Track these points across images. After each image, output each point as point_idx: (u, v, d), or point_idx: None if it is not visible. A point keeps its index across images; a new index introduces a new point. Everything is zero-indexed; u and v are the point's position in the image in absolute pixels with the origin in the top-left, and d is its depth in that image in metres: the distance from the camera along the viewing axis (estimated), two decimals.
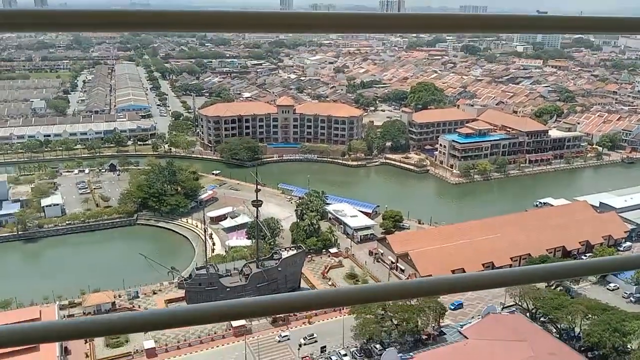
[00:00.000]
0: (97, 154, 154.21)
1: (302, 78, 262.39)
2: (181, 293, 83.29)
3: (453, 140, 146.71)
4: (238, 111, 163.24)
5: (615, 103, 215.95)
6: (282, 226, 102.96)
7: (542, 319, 76.47)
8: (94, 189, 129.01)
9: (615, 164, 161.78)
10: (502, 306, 78.72)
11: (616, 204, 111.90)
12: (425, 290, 2.86)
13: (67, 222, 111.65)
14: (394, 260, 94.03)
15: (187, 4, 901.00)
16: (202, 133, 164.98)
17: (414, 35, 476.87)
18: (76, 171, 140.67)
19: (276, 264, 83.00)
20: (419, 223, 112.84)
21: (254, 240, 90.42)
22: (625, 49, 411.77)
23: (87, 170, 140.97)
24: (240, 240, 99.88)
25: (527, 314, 76.59)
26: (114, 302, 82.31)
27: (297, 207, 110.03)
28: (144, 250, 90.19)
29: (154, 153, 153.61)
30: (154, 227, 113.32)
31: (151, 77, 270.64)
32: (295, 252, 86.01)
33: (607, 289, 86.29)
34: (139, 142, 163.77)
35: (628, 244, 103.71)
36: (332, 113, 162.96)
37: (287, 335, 74.08)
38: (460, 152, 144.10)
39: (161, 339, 74.44)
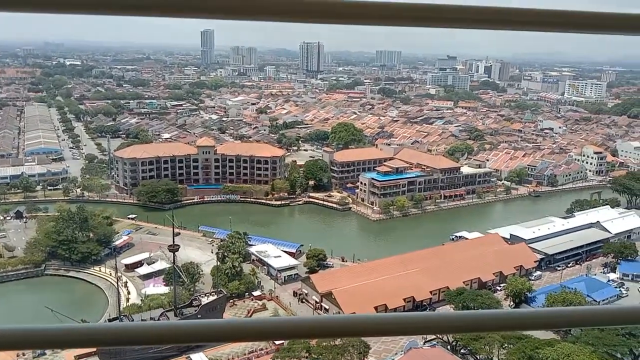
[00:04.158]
0: (2, 201, 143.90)
1: (224, 119, 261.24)
2: (92, 348, 77.81)
3: (372, 178, 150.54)
4: (156, 152, 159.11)
5: (521, 140, 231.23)
6: (202, 270, 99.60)
7: (462, 350, 78.25)
8: None
9: (523, 198, 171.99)
10: (423, 340, 79.77)
11: (525, 236, 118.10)
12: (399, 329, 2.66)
13: None
14: (318, 300, 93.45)
15: (101, 40, 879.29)
16: (118, 176, 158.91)
17: (334, 78, 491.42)
18: None
19: (195, 311, 79.95)
20: (343, 260, 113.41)
21: (172, 287, 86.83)
22: (527, 91, 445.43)
23: None
24: (157, 288, 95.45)
25: (448, 347, 78.10)
26: None
27: (218, 249, 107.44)
28: (52, 302, 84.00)
29: (65, 198, 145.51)
30: (64, 277, 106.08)
31: (64, 119, 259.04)
32: (215, 297, 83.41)
33: None
34: (48, 187, 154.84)
35: (538, 273, 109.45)
36: (254, 153, 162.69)
37: None
38: (380, 190, 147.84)
39: None
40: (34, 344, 2.45)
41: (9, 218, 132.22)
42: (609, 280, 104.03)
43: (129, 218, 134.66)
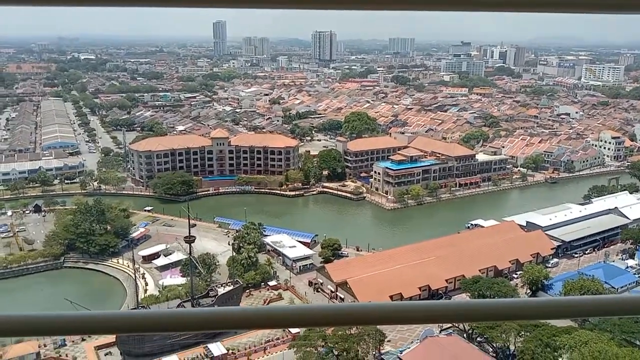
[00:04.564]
0: (21, 195, 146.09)
1: (237, 110, 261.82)
2: (112, 338, 79.16)
3: (387, 167, 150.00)
4: (171, 145, 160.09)
5: (537, 127, 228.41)
6: (218, 261, 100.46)
7: (478, 339, 78.02)
8: (17, 232, 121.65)
9: (540, 184, 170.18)
10: (439, 328, 79.70)
11: (542, 223, 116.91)
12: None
13: None
14: (333, 289, 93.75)
15: (114, 34, 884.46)
16: (134, 169, 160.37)
17: (347, 67, 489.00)
18: None
19: (212, 301, 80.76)
20: (357, 250, 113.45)
21: (188, 278, 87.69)
22: (543, 76, 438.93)
23: (9, 212, 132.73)
24: (174, 279, 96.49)
25: (464, 335, 77.91)
26: (39, 352, 77.23)
27: (234, 240, 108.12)
28: (72, 294, 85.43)
29: (82, 191, 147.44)
30: (83, 269, 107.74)
31: (80, 113, 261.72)
32: (232, 287, 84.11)
33: None
34: (66, 181, 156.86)
35: (555, 260, 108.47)
36: (268, 144, 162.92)
37: None
38: (394, 179, 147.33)
39: None
40: (57, 330, 2.56)
41: (28, 212, 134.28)
42: (627, 267, 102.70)
43: (145, 210, 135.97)
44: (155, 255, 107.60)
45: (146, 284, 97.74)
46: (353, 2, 2.22)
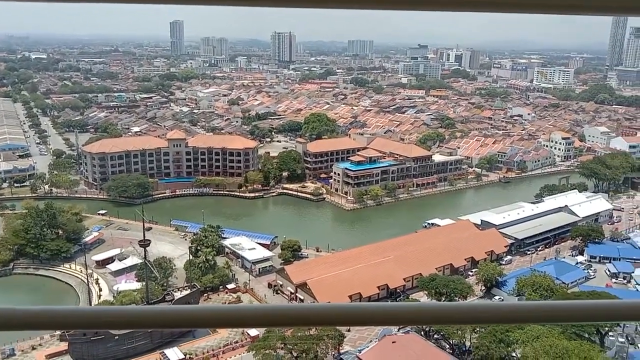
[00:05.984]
0: None
1: (195, 111, 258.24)
2: (64, 346, 76.73)
3: (346, 168, 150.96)
4: (125, 146, 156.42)
5: (491, 128, 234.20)
6: (175, 265, 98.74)
7: (435, 336, 79.36)
8: None
9: (494, 184, 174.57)
10: (397, 326, 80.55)
11: (496, 221, 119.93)
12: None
13: None
14: (293, 291, 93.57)
15: (67, 33, 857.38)
16: (87, 171, 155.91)
17: (307, 68, 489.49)
18: None
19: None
20: (317, 251, 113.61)
21: (144, 283, 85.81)
22: (497, 79, 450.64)
23: None
24: (129, 284, 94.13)
25: (422, 333, 79.07)
26: None
27: (191, 243, 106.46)
28: (22, 302, 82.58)
29: (33, 195, 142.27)
30: (33, 275, 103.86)
31: (30, 114, 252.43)
32: (189, 291, 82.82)
33: (493, 301, 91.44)
34: (15, 184, 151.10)
35: (508, 257, 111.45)
36: (226, 145, 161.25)
37: None
38: (353, 179, 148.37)
39: None
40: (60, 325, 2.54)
41: None
42: (577, 263, 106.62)
43: (99, 214, 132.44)
44: (110, 260, 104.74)
45: (100, 290, 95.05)
46: (349, 2, 2.14)
